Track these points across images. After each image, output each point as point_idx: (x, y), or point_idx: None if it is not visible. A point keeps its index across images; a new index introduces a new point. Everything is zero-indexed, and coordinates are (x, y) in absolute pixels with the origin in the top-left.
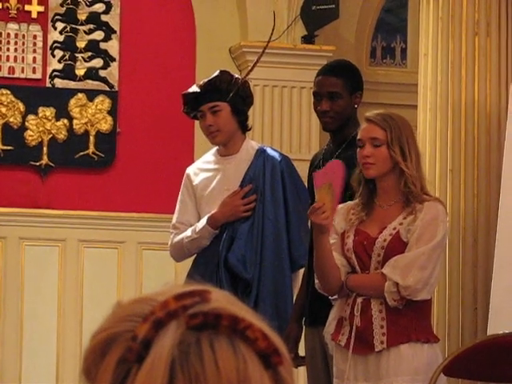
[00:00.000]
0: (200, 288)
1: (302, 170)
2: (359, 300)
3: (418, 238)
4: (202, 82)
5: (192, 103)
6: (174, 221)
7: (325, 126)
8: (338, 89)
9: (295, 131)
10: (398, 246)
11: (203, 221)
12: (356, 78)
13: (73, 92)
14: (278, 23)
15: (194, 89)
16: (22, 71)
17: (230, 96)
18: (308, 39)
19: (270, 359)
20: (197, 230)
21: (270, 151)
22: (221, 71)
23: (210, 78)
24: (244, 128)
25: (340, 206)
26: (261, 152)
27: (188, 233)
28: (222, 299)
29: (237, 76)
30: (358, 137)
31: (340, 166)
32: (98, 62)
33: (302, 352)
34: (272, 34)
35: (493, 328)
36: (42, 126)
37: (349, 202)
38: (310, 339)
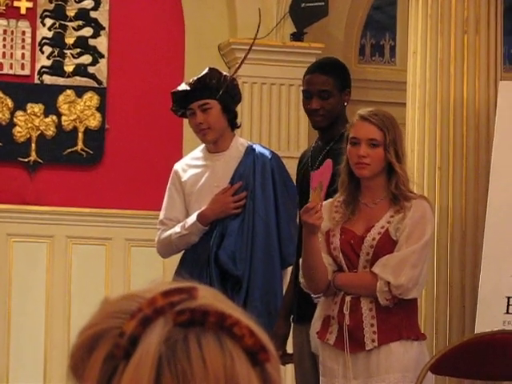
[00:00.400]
0: (187, 285)
1: (291, 167)
2: (348, 299)
3: (407, 237)
4: (191, 80)
5: (181, 101)
6: (161, 217)
7: (315, 125)
8: (329, 87)
9: (284, 129)
10: (387, 244)
11: (193, 217)
12: (345, 75)
13: (61, 88)
14: (267, 20)
15: (184, 87)
16: (11, 67)
17: (220, 93)
18: (297, 37)
19: (257, 356)
20: (186, 226)
21: (259, 149)
22: (210, 69)
23: (200, 75)
24: (233, 125)
25: (320, 205)
26: (250, 149)
27: (177, 229)
28: (209, 296)
29: (225, 73)
30: (353, 135)
31: (331, 165)
32: (86, 59)
33: (290, 349)
34: (258, 31)
35: (480, 326)
36: (30, 123)
37: (329, 199)
38: (298, 336)
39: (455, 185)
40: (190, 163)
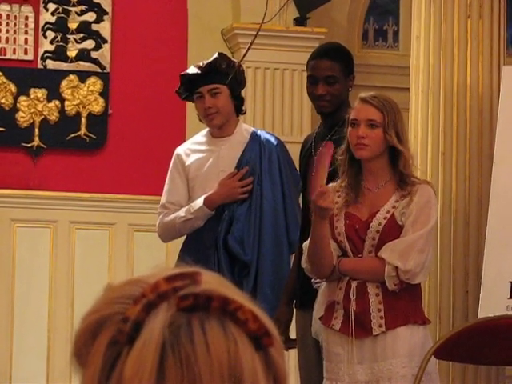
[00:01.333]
0: (191, 270)
1: (294, 152)
2: (354, 284)
3: (413, 222)
4: (201, 64)
5: (189, 84)
6: (163, 200)
7: (320, 110)
8: (335, 73)
9: (287, 114)
10: (393, 229)
11: (199, 201)
12: (350, 61)
13: (64, 73)
14: (271, 5)
15: (194, 70)
16: (14, 52)
17: (229, 79)
18: (300, 21)
19: (260, 341)
20: (192, 210)
21: (264, 135)
22: (219, 54)
23: (210, 60)
24: (239, 111)
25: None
26: (256, 135)
27: (181, 213)
28: (212, 281)
29: (234, 59)
30: (353, 116)
31: (331, 147)
32: (89, 44)
33: (292, 335)
34: (265, 16)
35: (484, 311)
36: (33, 108)
37: (331, 183)
38: (301, 322)
39: (459, 170)
40: (193, 148)
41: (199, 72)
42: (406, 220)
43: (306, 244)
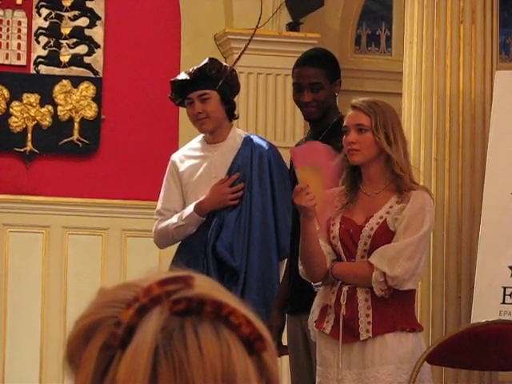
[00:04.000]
0: (184, 274)
1: (287, 157)
2: (345, 289)
3: (405, 228)
4: (191, 69)
5: (180, 90)
6: (158, 207)
7: (307, 117)
8: (320, 79)
9: (279, 119)
10: (385, 235)
11: (190, 208)
12: (335, 66)
13: (57, 78)
14: (264, 10)
15: (183, 76)
16: (7, 57)
17: (219, 84)
18: (293, 27)
19: (253, 345)
20: (183, 216)
21: (257, 140)
22: (210, 59)
23: (200, 65)
24: (231, 116)
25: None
26: (248, 140)
27: (174, 220)
28: (205, 285)
29: (225, 64)
30: (344, 123)
31: (327, 150)
32: (82, 49)
33: (285, 341)
34: (259, 21)
35: (476, 316)
36: (26, 113)
37: (333, 188)
38: (292, 327)
39: (451, 175)
40: (188, 154)
41: (188, 78)
42: (398, 226)
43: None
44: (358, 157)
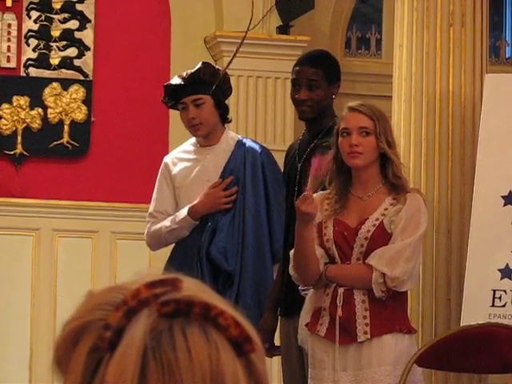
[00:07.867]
0: (171, 276)
1: (277, 160)
2: (341, 290)
3: (402, 229)
4: (184, 74)
5: (173, 94)
6: (151, 209)
7: (301, 115)
8: (318, 78)
9: (270, 122)
10: (382, 237)
11: (184, 211)
12: (335, 68)
13: (47, 81)
14: (254, 13)
15: (177, 81)
16: None
17: (213, 89)
18: (283, 29)
19: (242, 347)
20: (177, 220)
21: (249, 143)
22: (203, 63)
23: (193, 70)
24: (224, 120)
25: (314, 195)
26: (241, 144)
27: (167, 223)
28: (193, 287)
29: (218, 68)
30: (344, 125)
31: (321, 159)
32: (72, 51)
33: (277, 342)
34: (250, 24)
35: (466, 319)
36: (16, 115)
37: (321, 191)
38: (285, 329)
39: (441, 178)
40: (180, 156)
41: (182, 83)
42: (395, 228)
43: (292, 252)
44: (360, 160)
